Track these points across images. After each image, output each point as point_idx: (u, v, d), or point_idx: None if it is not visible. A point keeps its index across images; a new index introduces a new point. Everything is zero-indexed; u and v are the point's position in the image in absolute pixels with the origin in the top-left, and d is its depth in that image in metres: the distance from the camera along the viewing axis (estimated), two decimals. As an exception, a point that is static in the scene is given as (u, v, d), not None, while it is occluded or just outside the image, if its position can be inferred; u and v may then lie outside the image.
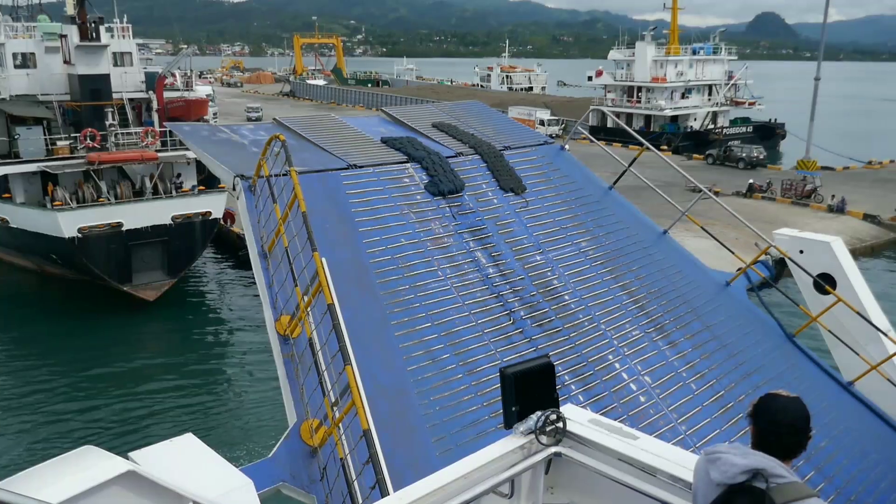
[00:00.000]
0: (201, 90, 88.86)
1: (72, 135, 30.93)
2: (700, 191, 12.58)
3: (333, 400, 6.44)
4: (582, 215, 11.34)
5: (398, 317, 8.39)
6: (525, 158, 12.05)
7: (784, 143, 73.03)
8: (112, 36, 35.31)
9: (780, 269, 17.27)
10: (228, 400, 23.83)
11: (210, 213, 30.36)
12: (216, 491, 3.78)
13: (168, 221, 29.22)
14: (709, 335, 10.16)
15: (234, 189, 9.36)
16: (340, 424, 6.23)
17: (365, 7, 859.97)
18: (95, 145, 30.11)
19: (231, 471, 4.08)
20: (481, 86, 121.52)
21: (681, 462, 3.28)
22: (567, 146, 12.96)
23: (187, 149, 32.42)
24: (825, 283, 10.92)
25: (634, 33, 77.91)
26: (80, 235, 27.54)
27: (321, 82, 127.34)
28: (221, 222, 33.44)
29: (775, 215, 40.44)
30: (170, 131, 32.32)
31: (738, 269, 11.69)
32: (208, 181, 34.67)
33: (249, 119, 75.50)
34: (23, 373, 24.93)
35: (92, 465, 3.36)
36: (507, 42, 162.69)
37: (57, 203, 28.74)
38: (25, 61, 33.14)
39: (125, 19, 36.09)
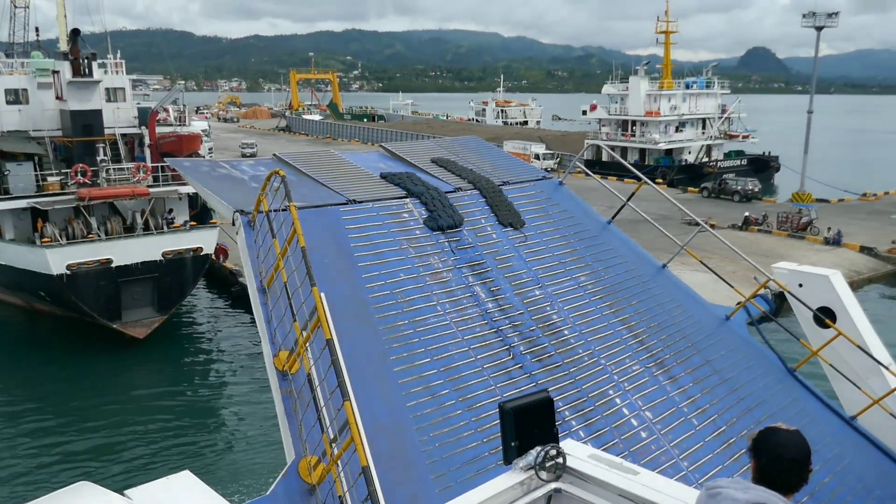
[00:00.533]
0: (197, 125, 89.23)
1: (63, 170, 30.70)
2: (697, 224, 12.43)
3: (332, 436, 6.36)
4: (581, 250, 11.34)
5: (397, 352, 8.36)
6: (523, 193, 12.08)
7: (778, 176, 73.33)
8: (105, 72, 35.33)
9: (779, 302, 17.28)
10: (223, 436, 23.51)
11: (201, 248, 30.02)
12: None
13: (158, 257, 28.86)
14: (709, 370, 10.09)
15: (233, 224, 9.39)
16: (339, 461, 6.14)
17: (361, 43, 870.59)
18: (86, 181, 29.88)
19: None
20: (476, 120, 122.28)
21: (682, 498, 3.23)
22: (564, 181, 12.99)
23: (179, 184, 32.38)
24: (825, 316, 10.86)
25: (628, 68, 78.65)
26: (68, 272, 27.16)
27: (317, 117, 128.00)
28: (213, 258, 33.08)
29: (771, 248, 40.27)
30: (162, 167, 32.17)
31: (738, 303, 11.63)
32: (200, 217, 34.42)
33: (244, 155, 75.44)
34: (12, 409, 24.52)
35: (87, 501, 3.30)
36: (502, 77, 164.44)
37: (45, 239, 28.38)
38: (18, 97, 33.10)
39: (118, 55, 36.13)
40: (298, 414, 7.11)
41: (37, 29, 53.61)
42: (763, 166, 72.62)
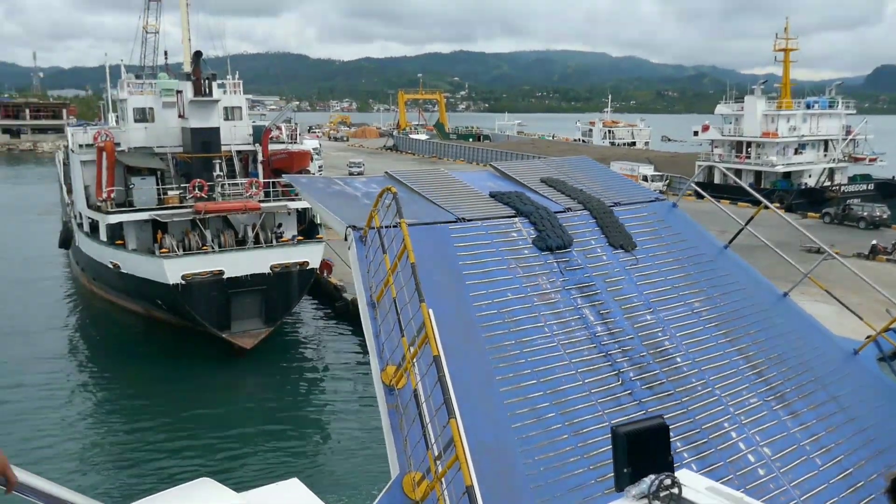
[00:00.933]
0: (308, 144, 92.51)
1: (182, 185, 32.24)
2: (819, 251, 11.58)
3: (437, 453, 6.32)
4: (695, 274, 10.93)
5: (503, 372, 8.27)
6: (635, 215, 11.80)
7: (910, 202, 68.29)
8: (224, 92, 36.98)
9: None
10: (326, 447, 23.93)
11: (307, 263, 30.76)
12: None
13: (267, 270, 29.74)
14: (835, 406, 9.49)
15: (345, 239, 9.57)
16: (443, 479, 6.07)
17: (469, 64, 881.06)
18: (203, 195, 31.25)
19: None
20: (583, 141, 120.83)
21: None
22: (678, 203, 12.61)
23: (289, 200, 33.35)
24: (969, 354, 9.85)
25: (743, 88, 75.75)
26: (183, 282, 28.36)
27: (423, 137, 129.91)
28: (318, 273, 33.80)
29: (903, 279, 37.35)
30: (273, 183, 33.24)
31: (868, 337, 10.96)
32: (308, 232, 35.31)
33: (351, 173, 77.29)
34: (128, 410, 25.80)
35: (207, 497, 3.38)
36: (610, 97, 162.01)
37: (164, 250, 29.80)
38: (145, 116, 35.13)
39: (237, 76, 37.77)
40: (404, 429, 7.12)
41: (165, 53, 57.06)
42: (892, 191, 67.88)
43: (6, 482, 2.20)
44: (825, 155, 70.35)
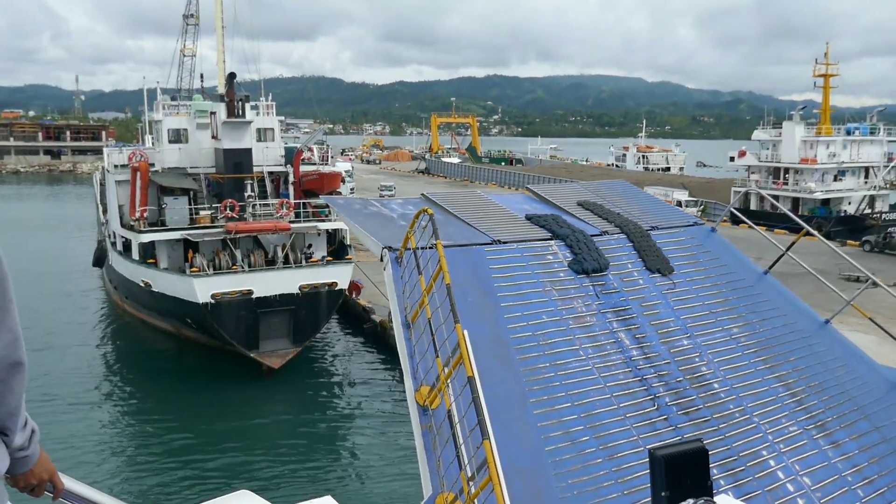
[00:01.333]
0: (340, 166, 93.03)
1: (214, 205, 32.46)
2: (860, 280, 11.13)
3: (470, 474, 6.30)
4: (734, 300, 10.77)
5: (537, 394, 8.25)
6: (673, 239, 11.75)
7: (954, 231, 66.36)
8: (257, 113, 37.34)
9: None
10: (355, 465, 23.92)
11: (336, 283, 30.66)
12: None
13: (296, 290, 29.70)
14: (878, 437, 9.25)
15: (381, 259, 9.67)
16: (476, 500, 6.05)
17: (502, 89, 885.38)
18: (234, 215, 31.39)
19: None
20: (616, 166, 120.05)
21: None
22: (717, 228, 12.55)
23: (319, 221, 33.38)
24: None
25: (781, 114, 74.48)
26: (213, 301, 28.42)
27: (456, 160, 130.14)
28: (347, 294, 33.68)
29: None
30: (304, 203, 33.31)
31: None
32: (337, 253, 35.28)
33: (382, 196, 77.35)
34: (158, 426, 25.99)
35: None
36: (644, 122, 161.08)
37: (194, 269, 29.94)
38: (179, 136, 35.57)
39: (269, 97, 38.11)
40: (437, 449, 7.13)
41: (202, 76, 57.91)
42: (934, 220, 66.18)
43: (53, 489, 2.27)
44: (866, 182, 68.83)
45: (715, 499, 3.43)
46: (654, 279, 10.67)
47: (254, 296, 28.94)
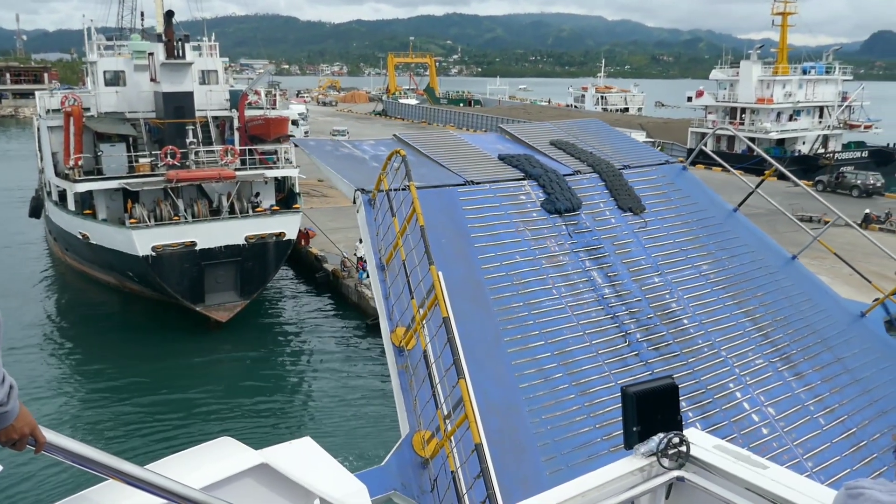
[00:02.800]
0: (295, 109, 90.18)
1: (154, 152, 30.92)
2: (812, 220, 11.54)
3: (446, 413, 6.49)
4: (703, 237, 11.03)
5: (511, 333, 8.40)
6: (645, 178, 11.87)
7: (904, 170, 67.41)
8: (200, 54, 35.46)
9: None
10: (319, 412, 23.83)
11: (284, 234, 29.59)
12: (334, 493, 3.89)
13: (241, 242, 28.62)
14: (840, 368, 9.67)
15: (354, 202, 9.70)
16: (452, 437, 6.27)
17: (461, 27, 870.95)
18: (175, 163, 29.92)
19: (347, 475, 4.17)
20: (575, 106, 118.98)
21: (815, 496, 3.02)
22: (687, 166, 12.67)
23: (266, 168, 32.12)
24: (979, 315, 9.86)
25: (739, 53, 74.01)
26: (153, 254, 27.26)
27: (413, 101, 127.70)
28: (297, 243, 32.73)
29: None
30: (249, 150, 31.96)
31: (875, 300, 11.15)
32: (287, 201, 34.17)
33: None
34: (103, 383, 25.22)
35: (228, 455, 3.51)
36: (604, 62, 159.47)
37: (133, 220, 28.62)
38: (116, 79, 33.60)
39: (213, 37, 36.19)
40: (413, 389, 7.29)
41: (142, 14, 55.00)
42: (886, 159, 66.95)
43: (35, 443, 2.24)
44: (820, 122, 69.19)
45: (684, 432, 3.47)
46: (626, 218, 10.75)
47: (197, 247, 27.79)
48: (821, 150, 66.62)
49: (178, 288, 27.91)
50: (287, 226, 29.78)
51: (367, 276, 31.14)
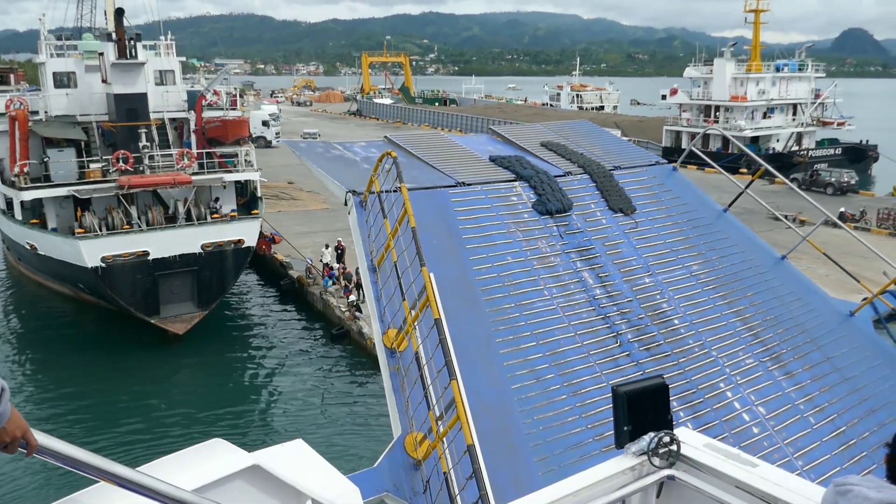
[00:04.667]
0: (266, 109, 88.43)
1: (106, 157, 29.51)
2: (786, 218, 11.84)
3: (438, 414, 6.55)
4: (694, 238, 11.13)
5: (503, 334, 8.44)
6: (635, 178, 11.94)
7: (876, 167, 67.44)
8: (157, 54, 34.12)
9: None
10: (275, 431, 22.80)
11: (243, 240, 28.31)
12: (326, 495, 3.82)
13: (197, 250, 27.33)
14: (830, 367, 9.78)
15: (345, 204, 9.68)
16: (444, 438, 6.30)
17: (438, 26, 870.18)
18: (128, 168, 28.55)
19: (339, 477, 4.11)
20: (550, 105, 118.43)
21: (805, 493, 2.99)
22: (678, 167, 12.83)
23: (225, 172, 30.87)
24: (965, 315, 10.04)
25: (713, 50, 73.69)
26: (103, 265, 25.92)
27: (388, 101, 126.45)
28: (258, 250, 31.51)
29: (868, 249, 36.10)
30: (208, 153, 30.69)
31: (864, 299, 11.25)
32: (249, 205, 32.95)
33: None
34: (57, 400, 24.13)
35: (220, 456, 3.48)
36: (579, 60, 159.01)
37: (80, 230, 27.19)
38: (66, 81, 32.13)
39: (169, 36, 34.83)
40: (405, 390, 7.32)
41: (105, 12, 53.32)
42: (860, 156, 66.91)
43: (27, 445, 2.20)
44: (794, 119, 68.99)
45: (675, 431, 3.45)
46: (617, 218, 10.83)
47: (150, 257, 26.48)
48: (795, 148, 66.41)
49: (130, 300, 26.58)
50: (246, 232, 28.52)
51: (333, 284, 30.06)
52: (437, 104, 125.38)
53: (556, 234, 10.14)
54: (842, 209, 42.95)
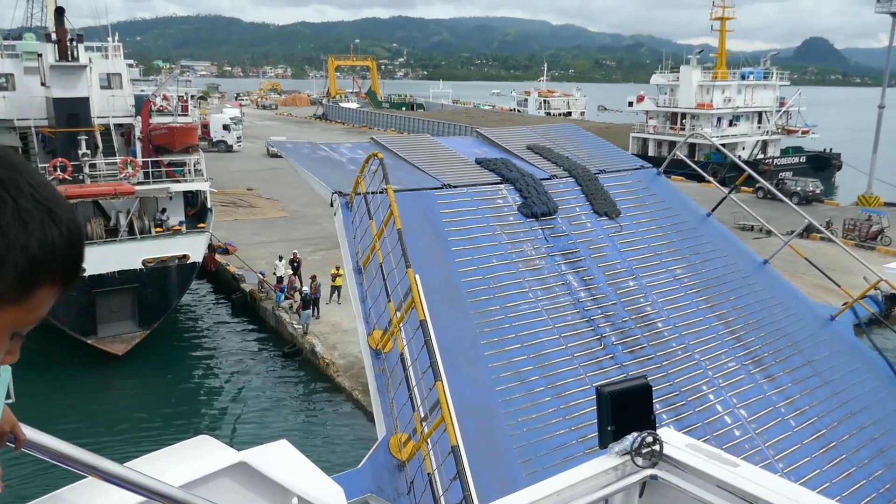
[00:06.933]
0: (228, 113, 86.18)
1: (43, 165, 27.75)
2: (753, 229, 11.22)
3: (423, 415, 6.54)
4: (677, 242, 11.22)
5: (488, 336, 8.47)
6: (620, 182, 11.99)
7: (840, 175, 67.71)
8: (105, 56, 32.46)
9: (890, 305, 16.62)
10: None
11: (188, 256, 26.69)
12: (312, 493, 3.83)
13: (138, 266, 25.68)
14: (810, 371, 9.88)
15: (331, 205, 9.70)
16: (429, 440, 6.29)
17: (407, 30, 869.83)
18: (67, 177, 26.84)
19: (324, 478, 4.14)
20: (518, 110, 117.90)
21: (786, 493, 2.96)
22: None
23: (173, 181, 29.28)
24: (942, 321, 9.63)
25: (679, 58, 73.70)
26: None
27: (354, 105, 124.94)
28: (206, 266, 29.96)
29: (836, 259, 35.60)
30: (154, 161, 29.07)
31: (845, 304, 11.34)
32: (200, 215, 31.37)
33: (271, 154, 70.50)
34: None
35: (208, 453, 3.56)
36: (546, 66, 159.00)
37: (8, 246, 25.38)
38: (3, 83, 30.32)
39: (116, 38, 33.15)
40: (390, 392, 7.35)
41: (58, 10, 51.16)
42: (823, 164, 67.16)
43: (15, 440, 2.10)
44: (759, 127, 69.05)
45: (658, 432, 3.35)
46: (602, 222, 10.93)
47: (86, 274, 24.79)
48: (760, 156, 66.39)
49: (64, 319, 24.84)
50: (191, 247, 26.90)
51: (286, 299, 28.65)
52: (404, 108, 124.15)
53: (542, 237, 10.21)
54: (807, 221, 42.58)
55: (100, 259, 24.96)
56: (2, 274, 1.05)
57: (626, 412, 3.39)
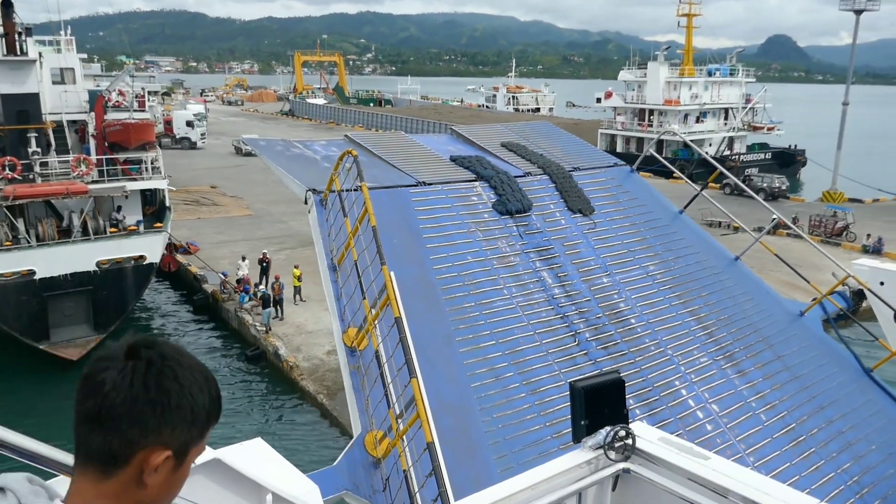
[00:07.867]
0: (192, 109, 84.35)
1: (-9, 164, 26.57)
2: (721, 225, 10.69)
3: (398, 412, 6.64)
4: (650, 238, 11.31)
5: (463, 333, 8.48)
6: (594, 180, 12.11)
7: (804, 171, 68.39)
8: (58, 50, 31.28)
9: (857, 300, 16.72)
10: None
11: (144, 257, 25.74)
12: (286, 489, 3.77)
13: (92, 268, 24.69)
14: (780, 365, 9.99)
15: (305, 202, 9.68)
16: (404, 437, 6.36)
17: (375, 26, 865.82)
18: (16, 176, 25.71)
19: (299, 475, 4.04)
20: (486, 106, 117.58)
21: (755, 485, 3.10)
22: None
23: (129, 180, 28.28)
24: (908, 316, 9.67)
25: (646, 54, 73.79)
26: None
27: (321, 101, 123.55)
28: (163, 267, 29.00)
29: (802, 256, 35.70)
30: (109, 159, 28.03)
31: (814, 299, 11.52)
32: (159, 214, 30.37)
33: (239, 151, 68.76)
34: None
35: None
36: (514, 61, 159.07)
37: (-49, 250, 24.29)
38: None
39: (69, 31, 31.97)
40: (366, 389, 7.36)
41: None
42: (788, 160, 67.81)
43: None
44: (725, 124, 69.44)
45: (630, 426, 3.48)
46: (576, 219, 11.00)
47: (37, 276, 23.76)
48: (726, 153, 66.77)
49: (14, 324, 23.77)
50: (148, 248, 25.93)
51: (249, 301, 27.86)
52: (371, 104, 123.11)
53: (516, 233, 10.24)
54: (774, 217, 42.75)
55: (52, 261, 23.92)
56: (196, 425, 1.55)
57: (600, 407, 3.49)
